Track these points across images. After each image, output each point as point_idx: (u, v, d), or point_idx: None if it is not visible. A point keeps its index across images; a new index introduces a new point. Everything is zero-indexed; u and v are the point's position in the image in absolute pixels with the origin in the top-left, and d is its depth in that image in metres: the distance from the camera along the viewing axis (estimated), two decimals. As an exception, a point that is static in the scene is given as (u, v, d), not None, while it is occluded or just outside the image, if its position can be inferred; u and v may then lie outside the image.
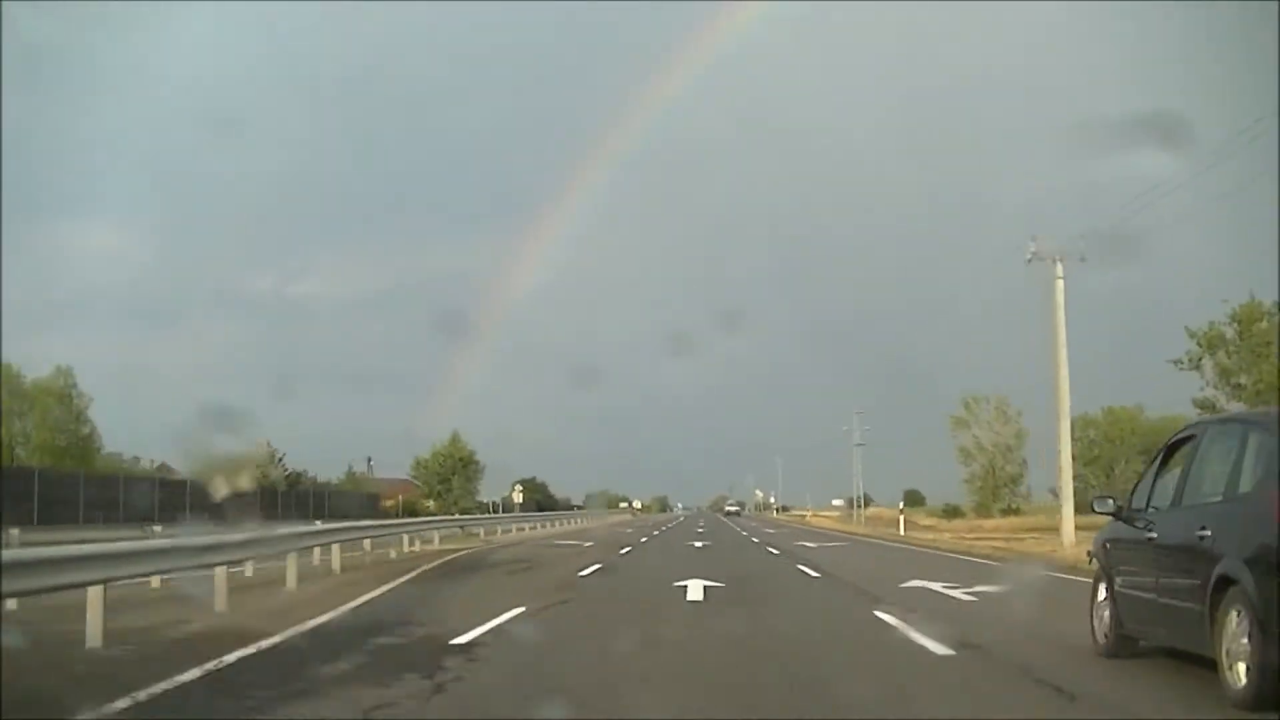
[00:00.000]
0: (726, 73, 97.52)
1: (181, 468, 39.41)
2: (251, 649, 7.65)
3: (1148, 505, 6.87)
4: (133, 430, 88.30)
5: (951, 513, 65.32)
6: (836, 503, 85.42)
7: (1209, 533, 5.77)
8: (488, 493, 64.63)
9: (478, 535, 32.52)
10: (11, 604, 7.94)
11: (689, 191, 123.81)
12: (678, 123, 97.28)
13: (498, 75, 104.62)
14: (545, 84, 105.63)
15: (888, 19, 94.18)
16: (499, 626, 8.92)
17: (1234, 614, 5.35)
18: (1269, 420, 6.04)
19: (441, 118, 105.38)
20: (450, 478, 62.16)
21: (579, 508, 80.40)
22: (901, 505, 45.91)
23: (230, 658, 7.18)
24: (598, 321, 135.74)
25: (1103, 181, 73.60)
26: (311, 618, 9.68)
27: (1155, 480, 6.99)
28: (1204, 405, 30.84)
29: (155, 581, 11.91)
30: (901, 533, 37.50)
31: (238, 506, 25.35)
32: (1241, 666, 5.27)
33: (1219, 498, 6.00)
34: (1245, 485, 5.74)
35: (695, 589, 12.45)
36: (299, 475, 53.64)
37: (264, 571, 14.46)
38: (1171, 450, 7.05)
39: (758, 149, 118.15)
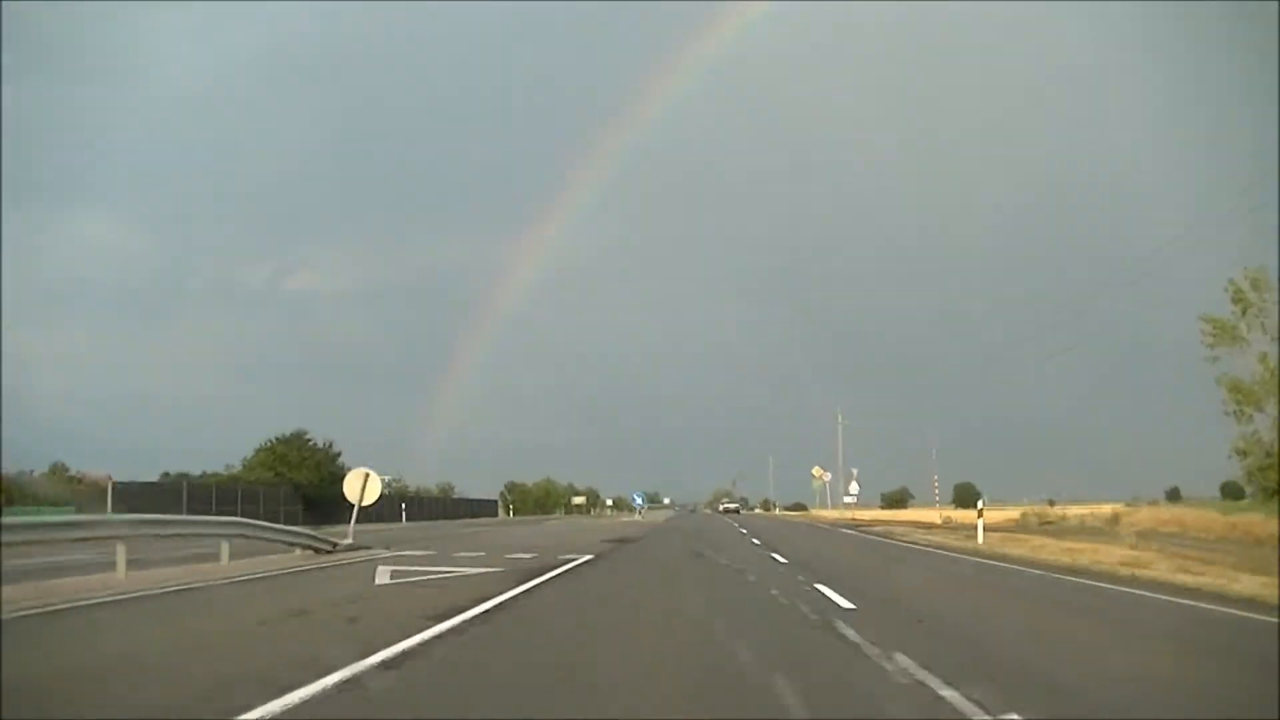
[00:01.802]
0: (729, 73, 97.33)
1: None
2: None
3: None
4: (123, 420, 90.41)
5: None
6: (848, 499, 71.53)
7: None
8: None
9: None
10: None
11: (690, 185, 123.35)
12: (677, 118, 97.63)
13: (497, 74, 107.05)
14: (544, 82, 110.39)
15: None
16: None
17: None
18: None
19: (439, 114, 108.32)
20: None
21: (493, 505, 60.18)
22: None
23: None
24: (596, 314, 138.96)
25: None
26: None
27: None
28: None
29: None
30: None
31: None
32: None
33: None
34: None
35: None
36: None
37: None
38: None
39: (756, 140, 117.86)
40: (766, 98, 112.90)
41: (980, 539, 26.02)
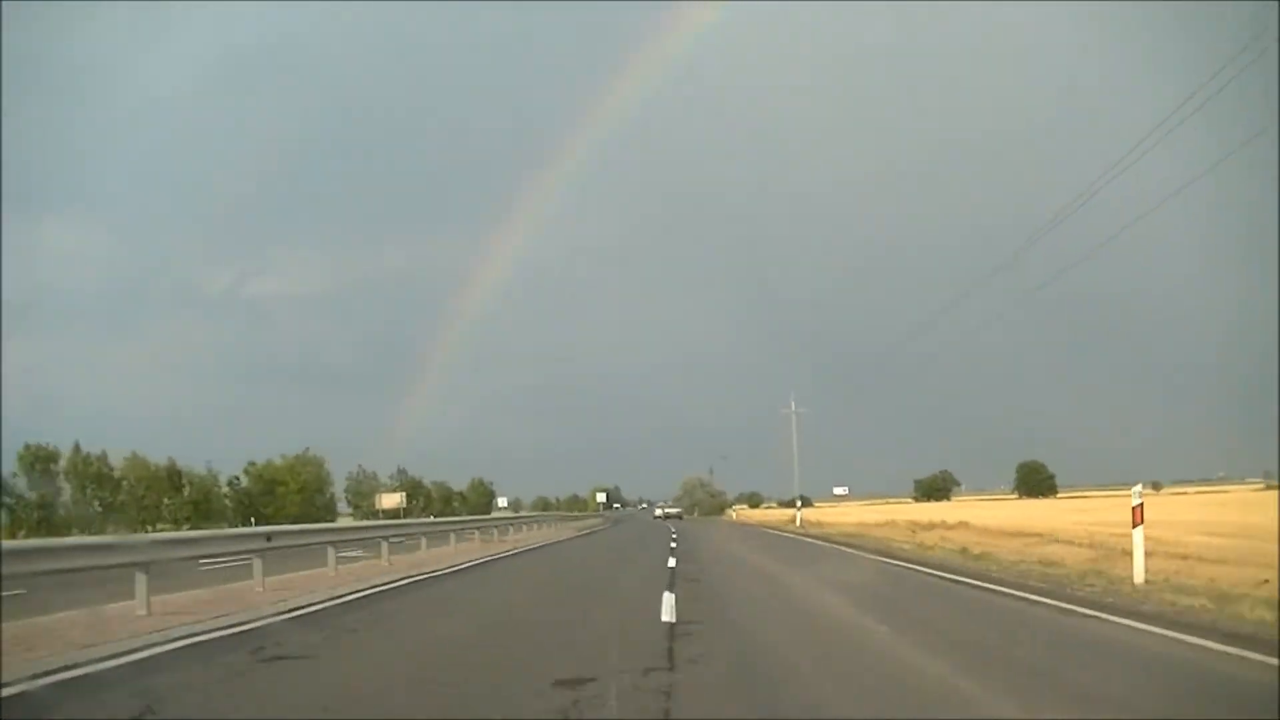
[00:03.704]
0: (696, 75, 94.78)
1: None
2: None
3: None
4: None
5: None
6: (839, 490, 69.35)
7: None
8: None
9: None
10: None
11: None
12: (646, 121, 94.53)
13: (465, 78, 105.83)
14: (513, 86, 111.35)
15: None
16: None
17: None
18: None
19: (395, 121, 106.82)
20: None
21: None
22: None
23: None
24: (560, 312, 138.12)
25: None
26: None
27: None
28: None
29: None
30: None
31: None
32: None
33: None
34: None
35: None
36: None
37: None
38: None
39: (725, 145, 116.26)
40: (736, 102, 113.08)
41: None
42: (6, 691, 6.16)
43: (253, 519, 51.30)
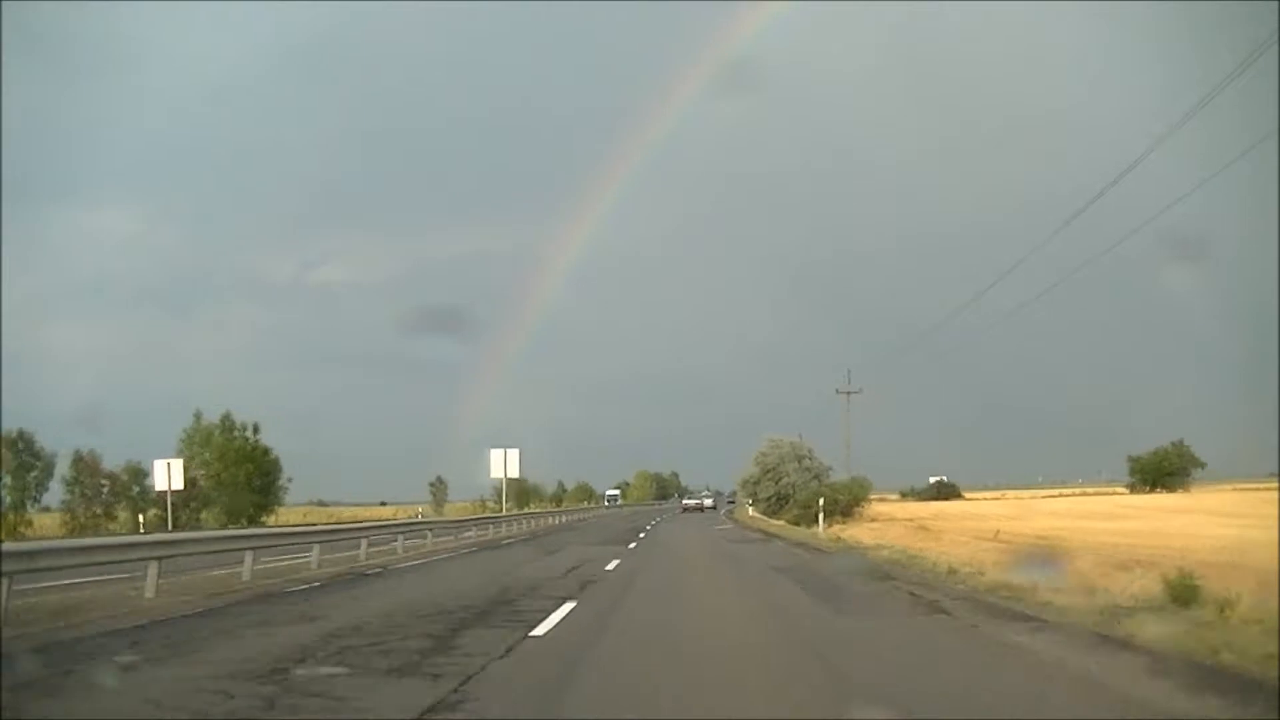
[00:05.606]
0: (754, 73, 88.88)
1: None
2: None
3: None
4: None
5: None
6: (935, 480, 57.08)
7: None
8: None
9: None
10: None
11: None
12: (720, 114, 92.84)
13: (528, 67, 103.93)
14: (579, 75, 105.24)
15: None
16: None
17: None
18: None
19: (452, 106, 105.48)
20: None
21: None
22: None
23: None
24: (631, 300, 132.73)
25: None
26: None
27: None
28: None
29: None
30: None
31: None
32: None
33: None
34: None
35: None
36: None
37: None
38: None
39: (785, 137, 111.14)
40: (793, 98, 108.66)
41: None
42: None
43: None
